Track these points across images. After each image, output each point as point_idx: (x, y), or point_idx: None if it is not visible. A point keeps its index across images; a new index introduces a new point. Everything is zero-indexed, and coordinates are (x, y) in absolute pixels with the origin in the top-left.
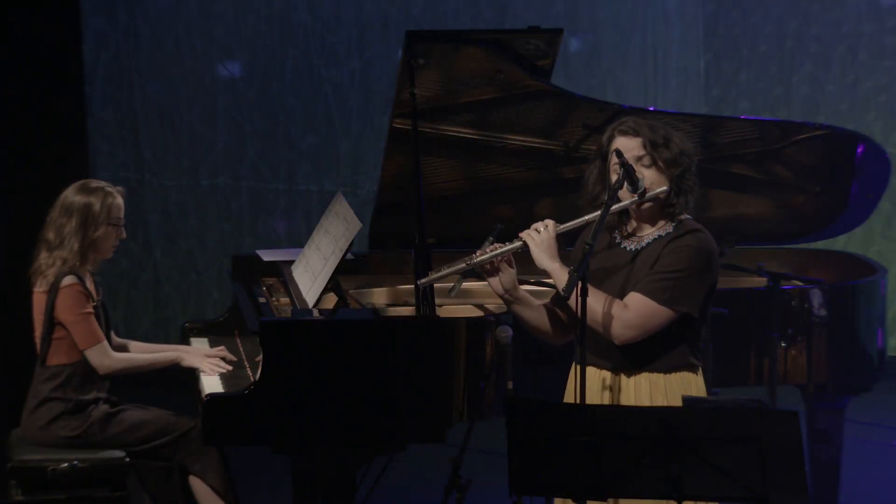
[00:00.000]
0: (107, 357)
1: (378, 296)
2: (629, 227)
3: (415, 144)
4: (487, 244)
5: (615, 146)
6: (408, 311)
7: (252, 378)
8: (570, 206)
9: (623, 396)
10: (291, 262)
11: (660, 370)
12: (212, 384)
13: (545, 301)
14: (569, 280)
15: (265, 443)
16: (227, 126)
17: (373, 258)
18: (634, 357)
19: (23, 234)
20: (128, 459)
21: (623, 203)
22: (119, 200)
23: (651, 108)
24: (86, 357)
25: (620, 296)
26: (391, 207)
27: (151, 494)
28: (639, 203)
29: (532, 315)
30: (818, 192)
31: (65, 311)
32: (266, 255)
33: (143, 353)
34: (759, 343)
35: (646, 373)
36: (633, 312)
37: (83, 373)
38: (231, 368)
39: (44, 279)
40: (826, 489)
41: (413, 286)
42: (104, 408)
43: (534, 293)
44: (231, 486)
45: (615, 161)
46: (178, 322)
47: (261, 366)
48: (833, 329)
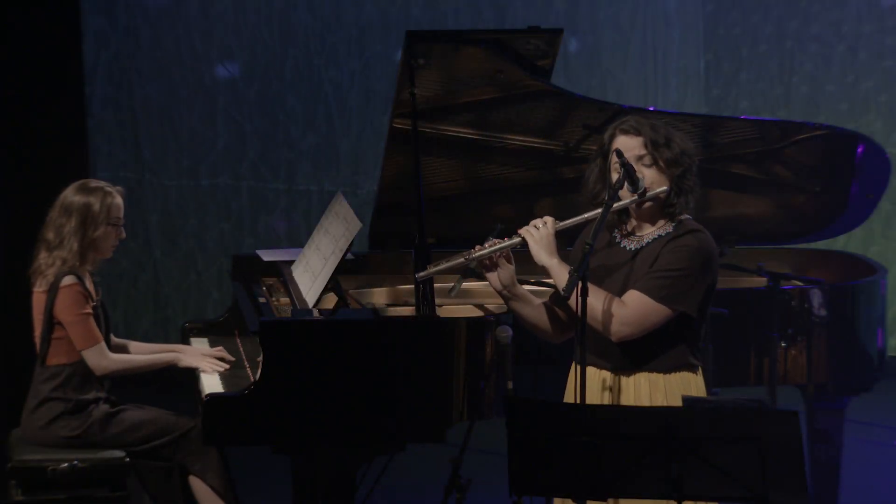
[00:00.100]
0: (104, 358)
1: (378, 296)
2: (629, 227)
3: (415, 144)
4: (487, 244)
5: (616, 145)
6: (408, 311)
7: (252, 378)
8: (570, 206)
9: (623, 396)
10: (291, 262)
11: (659, 370)
12: (212, 384)
13: (544, 299)
14: (569, 280)
15: (265, 443)
16: (227, 126)
17: (373, 258)
18: (634, 357)
19: (23, 234)
20: (128, 459)
21: (623, 202)
22: (118, 200)
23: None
24: (83, 357)
25: (619, 295)
26: (391, 207)
27: (151, 494)
28: (639, 202)
29: (531, 312)
30: (818, 192)
31: (64, 311)
32: (266, 255)
33: (142, 354)
34: (759, 343)
35: (645, 373)
36: (631, 309)
37: (83, 373)
38: (228, 367)
39: (43, 279)
40: (826, 489)
41: (413, 286)
42: (104, 408)
43: (534, 293)
44: (231, 486)
45: (616, 160)
46: (178, 322)
47: (261, 366)
48: (833, 329)
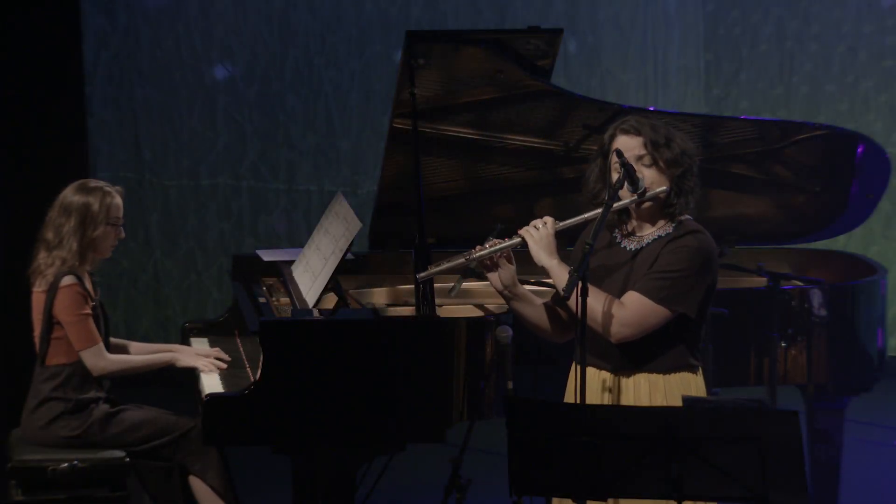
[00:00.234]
0: (102, 359)
1: (378, 296)
2: (629, 227)
3: (415, 144)
4: (487, 244)
5: (616, 145)
6: (408, 311)
7: (252, 378)
8: (570, 206)
9: (623, 397)
10: (291, 262)
11: (659, 371)
12: (212, 384)
13: (545, 299)
14: (569, 280)
15: (265, 443)
16: (227, 126)
17: (373, 258)
18: (633, 357)
19: (23, 234)
20: (128, 459)
21: (623, 202)
22: (118, 200)
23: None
24: (81, 358)
25: (619, 295)
26: (391, 207)
27: (151, 494)
28: (638, 202)
29: (532, 312)
30: (818, 192)
31: (63, 312)
32: (266, 255)
33: (140, 355)
34: (759, 343)
35: (645, 373)
36: (630, 311)
37: (83, 372)
38: (226, 367)
39: (43, 279)
40: (826, 489)
41: (413, 286)
42: (104, 407)
43: (535, 293)
44: (231, 486)
45: (616, 160)
46: (178, 322)
47: (261, 366)
48: (833, 329)
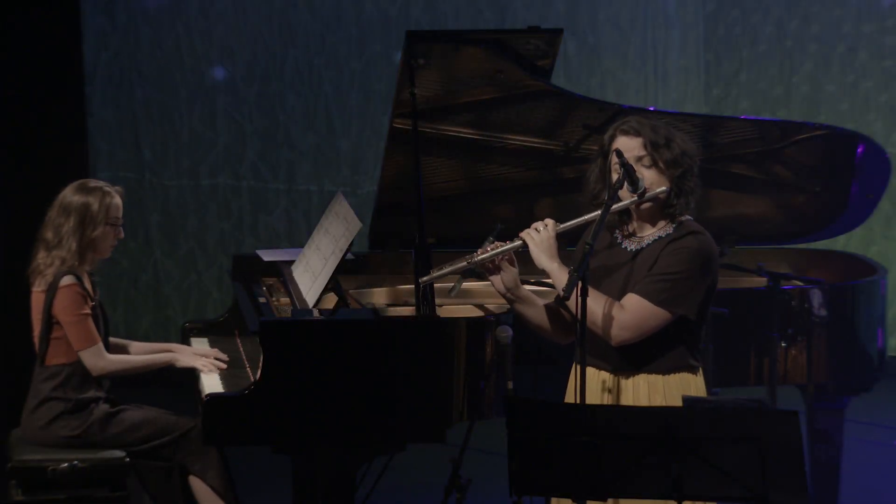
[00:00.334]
0: (101, 359)
1: (378, 296)
2: (630, 227)
3: (415, 144)
4: (487, 244)
5: (616, 146)
6: (408, 311)
7: (252, 378)
8: (570, 206)
9: (622, 397)
10: (291, 262)
11: (658, 371)
12: (212, 384)
13: (548, 300)
14: (569, 280)
15: (265, 443)
16: (227, 126)
17: (373, 258)
18: (632, 358)
19: (23, 234)
20: (128, 459)
21: (623, 203)
22: (117, 200)
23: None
24: (80, 358)
25: (619, 295)
26: (391, 207)
27: (151, 494)
28: (638, 203)
29: (535, 314)
30: (818, 192)
31: (62, 311)
32: (266, 255)
33: (139, 355)
34: (759, 343)
35: (644, 374)
36: (629, 314)
37: (82, 372)
38: (226, 367)
39: (42, 279)
40: (826, 489)
41: (413, 286)
42: (104, 407)
43: (536, 293)
44: (231, 486)
45: (616, 161)
46: (178, 322)
47: (261, 366)
48: (833, 329)
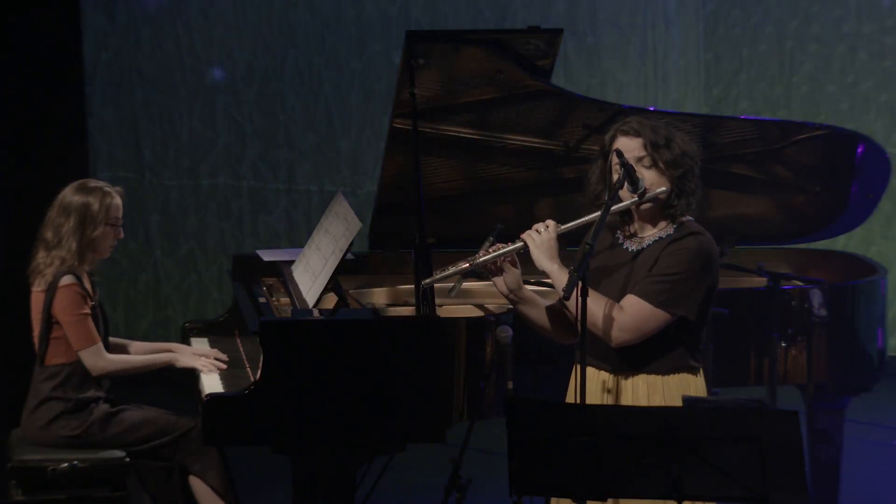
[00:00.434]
0: (101, 359)
1: (378, 296)
2: (632, 228)
3: (415, 144)
4: (487, 244)
5: (617, 146)
6: (408, 311)
7: (252, 378)
8: (570, 206)
9: (622, 398)
10: (291, 262)
11: (658, 372)
12: (212, 384)
13: (551, 301)
14: (569, 280)
15: (265, 443)
16: (227, 126)
17: (373, 258)
18: (631, 359)
19: (23, 234)
20: (128, 459)
21: (623, 203)
22: (118, 200)
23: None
24: (80, 357)
25: (619, 296)
26: (391, 207)
27: (151, 494)
28: (638, 203)
29: (538, 315)
30: (818, 192)
31: (62, 311)
32: (266, 255)
33: (139, 355)
34: (759, 343)
35: (643, 374)
36: (629, 315)
37: (82, 372)
38: (226, 367)
39: (42, 278)
40: (826, 489)
41: (413, 286)
42: (104, 407)
43: (538, 293)
44: (231, 486)
45: (616, 161)
46: (178, 322)
47: (261, 366)
48: (833, 329)
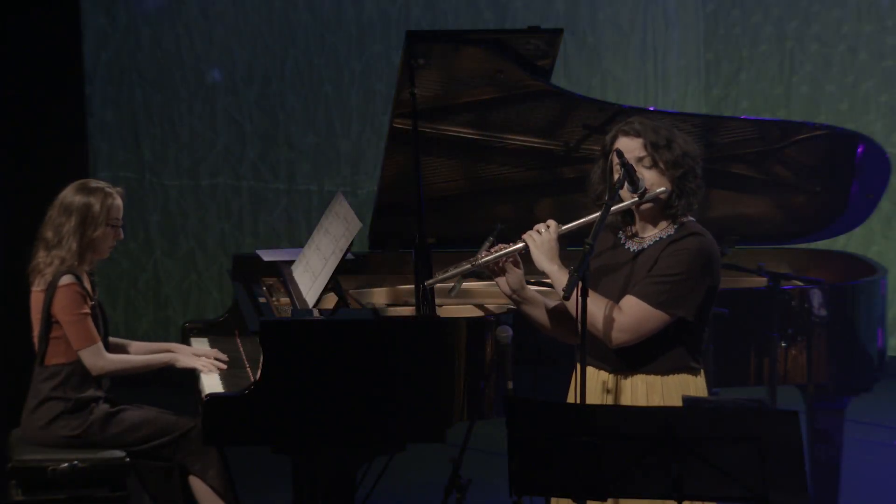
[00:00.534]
0: (101, 358)
1: (378, 296)
2: (634, 228)
3: (415, 144)
4: (487, 244)
5: (617, 146)
6: (408, 311)
7: (252, 378)
8: (570, 206)
9: (621, 398)
10: (291, 262)
11: (657, 372)
12: (212, 384)
13: (554, 301)
14: (568, 280)
15: (265, 443)
16: (227, 126)
17: (373, 258)
18: (630, 359)
19: (23, 234)
20: (128, 459)
21: (623, 203)
22: (118, 201)
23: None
24: (79, 357)
25: (620, 296)
26: (391, 207)
27: (151, 494)
28: (638, 203)
29: (541, 315)
30: (818, 192)
31: (62, 311)
32: (266, 255)
33: (139, 355)
34: (759, 343)
35: (642, 375)
36: (628, 316)
37: (82, 372)
38: (225, 366)
39: (42, 278)
40: (826, 489)
41: (413, 286)
42: (104, 407)
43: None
44: (231, 486)
45: (616, 161)
46: (178, 322)
47: (261, 366)
48: (833, 329)
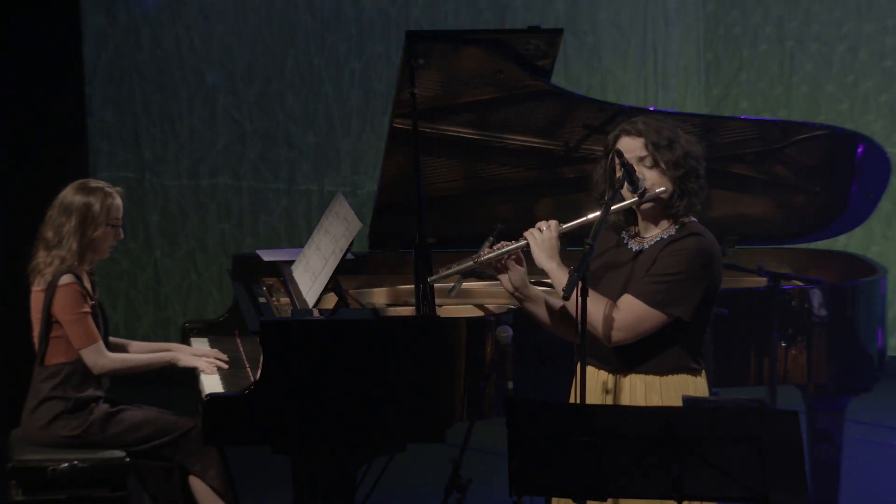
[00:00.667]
0: (102, 357)
1: (378, 296)
2: (636, 228)
3: (415, 144)
4: (487, 244)
5: (619, 146)
6: (408, 311)
7: (252, 378)
8: (570, 206)
9: (621, 398)
10: (291, 262)
11: (655, 372)
12: (212, 384)
13: (557, 299)
14: (568, 280)
15: (265, 443)
16: (227, 126)
17: (373, 258)
18: (629, 359)
19: (23, 234)
20: (128, 459)
21: (623, 203)
22: (118, 201)
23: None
24: (80, 356)
25: (620, 295)
26: (391, 207)
27: (151, 494)
28: (638, 203)
29: (544, 313)
30: (818, 192)
31: (62, 310)
32: (266, 255)
33: (140, 354)
34: (759, 343)
35: (641, 374)
36: (624, 315)
37: (82, 371)
38: (225, 366)
39: (42, 278)
40: (826, 489)
41: (413, 286)
42: (104, 407)
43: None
44: (231, 486)
45: (617, 161)
46: (178, 322)
47: (261, 366)
48: (833, 329)
